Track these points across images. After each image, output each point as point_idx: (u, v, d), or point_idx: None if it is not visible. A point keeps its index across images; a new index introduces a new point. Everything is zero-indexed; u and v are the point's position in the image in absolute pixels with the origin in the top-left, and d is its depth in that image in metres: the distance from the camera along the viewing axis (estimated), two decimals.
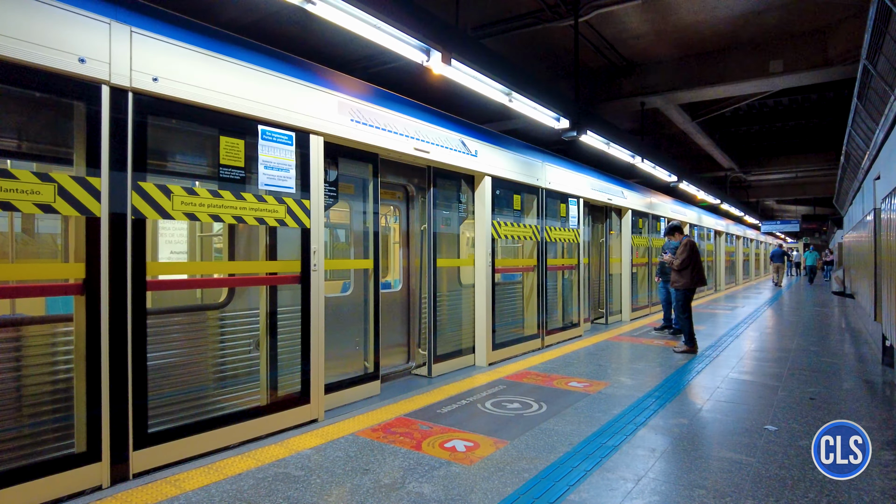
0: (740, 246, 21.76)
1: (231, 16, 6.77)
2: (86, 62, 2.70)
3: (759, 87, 9.31)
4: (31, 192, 2.51)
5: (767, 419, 3.97)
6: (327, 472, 2.99)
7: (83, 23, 2.70)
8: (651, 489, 2.83)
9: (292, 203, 3.74)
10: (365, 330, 4.72)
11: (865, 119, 6.95)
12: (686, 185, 12.30)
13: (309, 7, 3.46)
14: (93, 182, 2.73)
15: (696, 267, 6.74)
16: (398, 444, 3.41)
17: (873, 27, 4.76)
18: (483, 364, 5.82)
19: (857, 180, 10.43)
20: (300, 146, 3.82)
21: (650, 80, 9.51)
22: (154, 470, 2.96)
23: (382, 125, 4.52)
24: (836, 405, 4.39)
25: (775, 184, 24.89)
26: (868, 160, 7.88)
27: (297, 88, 3.79)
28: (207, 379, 3.50)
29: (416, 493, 2.74)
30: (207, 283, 3.95)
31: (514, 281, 6.92)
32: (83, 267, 2.74)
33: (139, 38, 2.92)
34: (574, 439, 3.48)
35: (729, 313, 11.00)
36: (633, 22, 7.90)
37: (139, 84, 2.91)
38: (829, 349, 7.08)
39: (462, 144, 5.50)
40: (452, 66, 4.38)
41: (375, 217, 4.69)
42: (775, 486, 2.86)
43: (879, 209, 6.70)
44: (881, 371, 5.72)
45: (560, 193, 7.46)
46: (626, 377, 5.26)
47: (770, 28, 8.08)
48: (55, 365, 2.81)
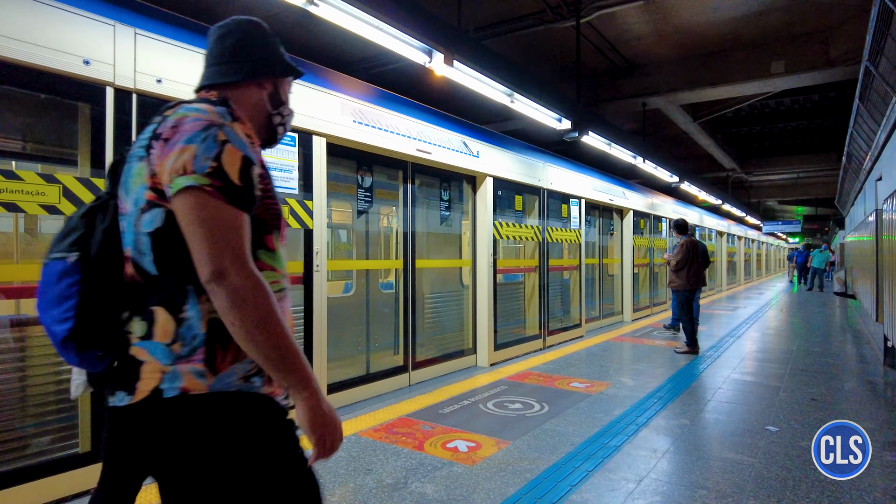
0: (741, 246, 21.75)
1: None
2: (90, 64, 2.71)
3: (761, 87, 9.30)
4: (37, 194, 2.53)
5: (769, 420, 3.98)
6: (330, 471, 3.00)
7: (88, 25, 2.71)
8: (653, 489, 2.84)
9: (295, 204, 3.75)
10: (368, 332, 4.73)
11: (867, 120, 6.96)
12: (687, 185, 12.29)
13: (311, 8, 3.47)
14: (97, 183, 2.75)
15: (694, 268, 6.72)
16: (400, 444, 3.42)
17: (875, 28, 4.77)
18: (485, 364, 5.83)
19: (858, 181, 10.42)
20: (303, 147, 3.84)
21: (652, 81, 9.51)
22: None
23: (385, 126, 4.53)
24: (837, 406, 4.39)
25: (777, 184, 24.88)
26: (870, 161, 7.88)
27: (300, 89, 3.80)
28: None
29: (419, 494, 2.75)
30: None
31: (516, 281, 6.93)
32: None
33: (143, 39, 2.93)
34: (576, 439, 3.49)
35: (730, 314, 10.99)
36: (635, 23, 7.90)
37: (143, 86, 2.93)
38: (831, 350, 7.07)
39: (464, 145, 5.51)
40: (454, 67, 4.39)
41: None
42: (777, 487, 2.86)
43: (881, 210, 6.70)
44: (883, 372, 5.72)
45: (561, 194, 7.47)
46: (627, 378, 5.26)
47: (771, 29, 8.08)
48: (59, 364, 2.82)
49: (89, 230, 1.10)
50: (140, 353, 1.04)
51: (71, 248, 1.06)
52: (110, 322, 1.07)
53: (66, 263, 1.05)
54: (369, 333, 5.07)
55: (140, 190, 1.05)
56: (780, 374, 5.50)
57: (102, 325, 1.06)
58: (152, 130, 1.08)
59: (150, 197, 1.04)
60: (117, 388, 1.07)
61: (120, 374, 1.07)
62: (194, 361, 1.03)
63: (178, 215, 1.01)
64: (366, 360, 4.87)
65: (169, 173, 1.01)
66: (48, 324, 1.07)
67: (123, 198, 1.10)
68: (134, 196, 1.07)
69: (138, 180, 1.06)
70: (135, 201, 1.06)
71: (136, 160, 1.08)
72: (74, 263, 1.05)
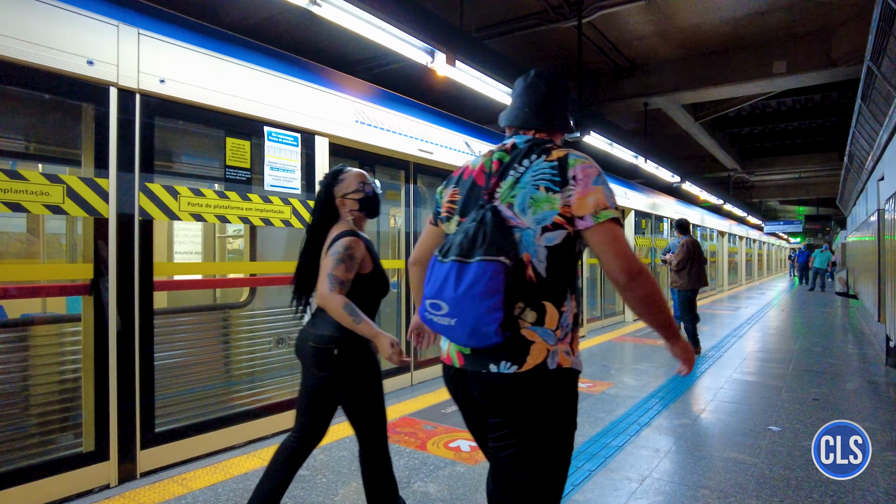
0: (743, 246, 21.73)
1: (236, 17, 6.80)
2: (94, 64, 2.72)
3: (763, 87, 9.30)
4: (41, 193, 2.54)
5: (771, 420, 3.98)
6: (333, 471, 3.01)
7: (91, 25, 2.72)
8: (655, 489, 2.84)
9: (298, 204, 3.76)
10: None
11: (869, 120, 6.95)
12: (689, 185, 12.29)
13: (314, 9, 3.49)
14: (101, 183, 2.75)
15: (696, 268, 6.72)
16: (403, 443, 3.43)
17: (877, 28, 4.76)
18: None
19: (860, 181, 10.41)
20: (306, 147, 3.84)
21: (653, 81, 9.51)
22: (161, 469, 2.99)
23: (387, 126, 4.54)
24: (839, 406, 4.39)
25: (778, 184, 24.86)
26: (872, 161, 7.87)
27: (303, 90, 3.81)
28: (218, 378, 3.52)
29: (422, 493, 2.75)
30: (207, 284, 3.97)
31: None
32: (91, 267, 2.76)
33: (147, 40, 2.94)
34: (578, 439, 3.46)
35: (732, 313, 10.99)
36: (637, 23, 7.90)
37: (146, 86, 2.94)
38: (833, 350, 7.07)
39: (466, 145, 5.51)
40: (457, 67, 4.40)
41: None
42: (779, 487, 2.87)
43: (883, 210, 6.69)
44: (885, 372, 5.71)
45: None
46: (629, 377, 5.26)
47: (773, 29, 8.07)
48: (63, 364, 2.83)
49: (481, 237, 1.36)
50: (530, 335, 1.36)
51: (499, 252, 1.33)
52: (512, 310, 1.36)
53: (498, 265, 1.32)
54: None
55: (549, 214, 1.36)
56: (782, 374, 5.50)
57: (511, 311, 1.35)
58: (548, 169, 1.39)
59: (557, 220, 1.36)
60: (502, 359, 1.37)
61: (510, 348, 1.36)
62: (566, 343, 1.40)
63: (597, 236, 1.35)
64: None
65: (592, 207, 1.34)
66: (467, 309, 1.33)
67: (519, 214, 1.39)
68: (539, 217, 1.37)
69: (546, 206, 1.36)
70: (538, 220, 1.37)
71: (531, 188, 1.39)
72: (501, 264, 1.32)
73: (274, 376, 3.68)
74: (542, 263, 1.37)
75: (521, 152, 1.46)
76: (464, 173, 1.57)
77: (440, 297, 1.37)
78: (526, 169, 1.42)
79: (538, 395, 1.37)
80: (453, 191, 1.58)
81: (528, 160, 1.43)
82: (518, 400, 1.37)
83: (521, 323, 1.37)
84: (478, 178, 1.51)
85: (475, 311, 1.32)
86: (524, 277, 1.37)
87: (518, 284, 1.36)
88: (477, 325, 1.32)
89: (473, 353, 1.42)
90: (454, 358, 1.48)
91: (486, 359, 1.39)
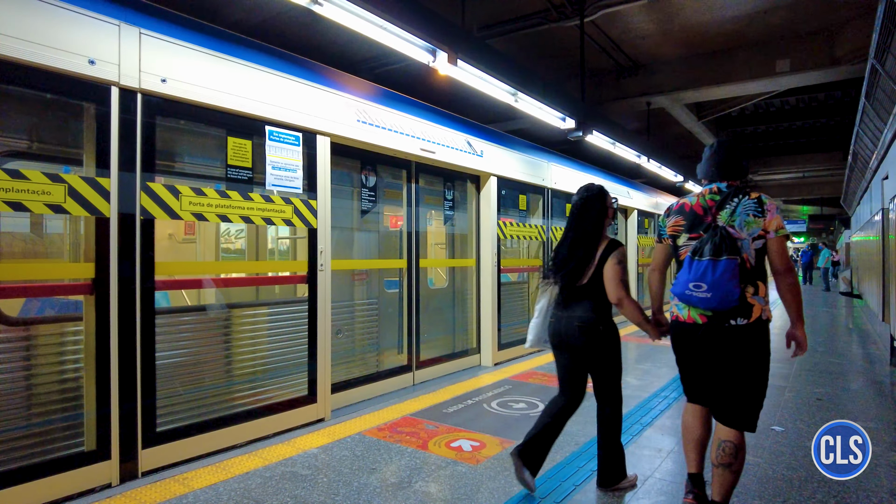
0: None
1: (238, 16, 6.80)
2: (95, 64, 2.72)
3: (766, 86, 9.25)
4: (42, 193, 2.54)
5: (774, 419, 3.96)
6: (334, 470, 3.01)
7: (93, 25, 2.72)
8: (657, 489, 2.83)
9: (299, 203, 3.76)
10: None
11: (873, 118, 6.92)
12: (692, 184, 12.25)
13: (315, 8, 3.47)
14: (102, 182, 2.76)
15: None
16: (404, 443, 3.42)
17: (881, 26, 4.73)
18: (488, 364, 5.83)
19: (864, 180, 10.36)
20: (307, 146, 3.84)
21: (656, 80, 9.47)
22: (163, 468, 2.99)
23: (389, 126, 4.53)
24: (843, 406, 4.36)
25: (782, 184, 24.71)
26: (876, 160, 7.83)
27: (305, 89, 3.81)
28: (217, 378, 3.52)
29: (423, 493, 2.75)
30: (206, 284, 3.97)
31: (520, 281, 6.92)
32: (93, 267, 2.76)
33: (148, 39, 2.94)
34: (580, 439, 3.48)
35: None
36: (639, 22, 7.87)
37: (148, 85, 2.94)
38: (837, 349, 7.03)
39: (468, 145, 5.50)
40: (458, 66, 4.38)
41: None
42: (782, 487, 2.85)
43: (888, 209, 6.66)
44: (889, 372, 5.68)
45: (566, 193, 7.45)
46: (631, 377, 5.25)
47: (776, 28, 8.03)
48: (64, 364, 2.83)
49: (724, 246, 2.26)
50: (752, 301, 2.29)
51: (734, 253, 2.24)
52: (742, 286, 2.27)
53: (736, 261, 2.23)
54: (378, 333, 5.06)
55: (756, 230, 2.31)
56: (786, 373, 5.47)
57: (742, 287, 2.27)
58: (753, 205, 2.35)
59: (761, 233, 2.31)
60: (738, 316, 2.28)
61: (741, 309, 2.27)
62: (767, 305, 2.34)
63: (775, 244, 2.31)
64: (375, 360, 4.87)
65: (775, 227, 2.30)
66: (721, 286, 2.23)
67: (739, 231, 2.31)
68: (751, 231, 2.31)
69: (755, 225, 2.31)
70: (751, 234, 2.31)
71: (745, 216, 2.33)
72: (737, 260, 2.23)
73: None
74: (752, 259, 2.30)
75: (728, 194, 2.41)
76: (684, 206, 2.51)
77: (702, 280, 2.25)
78: (737, 204, 2.36)
79: (759, 336, 2.31)
80: (677, 219, 2.52)
81: (737, 199, 2.38)
82: (748, 339, 2.29)
83: (746, 294, 2.27)
84: (696, 210, 2.46)
85: (726, 287, 2.21)
86: (746, 267, 2.27)
87: (744, 271, 2.25)
88: (726, 294, 2.21)
89: (714, 315, 2.31)
90: (696, 318, 2.37)
91: (727, 316, 2.28)
